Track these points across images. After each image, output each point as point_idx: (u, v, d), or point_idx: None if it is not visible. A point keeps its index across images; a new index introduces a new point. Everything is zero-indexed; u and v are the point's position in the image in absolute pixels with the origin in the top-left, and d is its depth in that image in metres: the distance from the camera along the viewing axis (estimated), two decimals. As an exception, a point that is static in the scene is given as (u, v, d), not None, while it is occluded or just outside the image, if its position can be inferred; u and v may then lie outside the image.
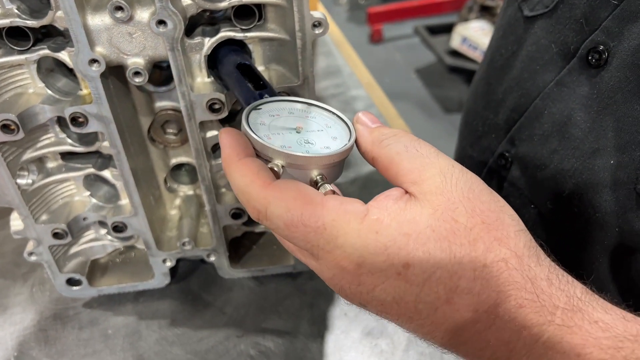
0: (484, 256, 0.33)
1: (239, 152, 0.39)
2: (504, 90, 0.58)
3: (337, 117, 0.45)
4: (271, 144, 0.40)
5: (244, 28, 0.52)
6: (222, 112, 0.53)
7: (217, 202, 0.60)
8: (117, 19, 0.47)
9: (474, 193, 0.35)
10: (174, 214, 0.67)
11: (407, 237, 0.34)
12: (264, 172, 0.38)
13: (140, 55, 0.50)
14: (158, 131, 0.61)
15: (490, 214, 0.35)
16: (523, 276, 0.33)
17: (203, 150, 0.56)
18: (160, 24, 0.47)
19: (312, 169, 0.40)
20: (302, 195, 0.36)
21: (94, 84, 0.50)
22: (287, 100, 0.46)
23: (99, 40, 0.48)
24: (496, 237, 0.34)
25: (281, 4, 0.50)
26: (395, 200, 0.36)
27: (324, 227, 0.35)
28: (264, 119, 0.43)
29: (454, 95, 3.08)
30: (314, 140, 0.42)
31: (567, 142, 0.50)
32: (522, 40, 0.56)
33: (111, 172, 0.59)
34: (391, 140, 0.39)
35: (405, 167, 0.37)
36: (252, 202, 0.37)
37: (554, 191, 0.51)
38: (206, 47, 0.51)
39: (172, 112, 0.60)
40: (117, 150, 0.54)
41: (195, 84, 0.53)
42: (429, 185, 0.36)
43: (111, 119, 0.52)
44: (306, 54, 0.50)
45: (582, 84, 0.49)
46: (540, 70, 0.53)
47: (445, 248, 0.33)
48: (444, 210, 0.34)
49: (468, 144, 0.64)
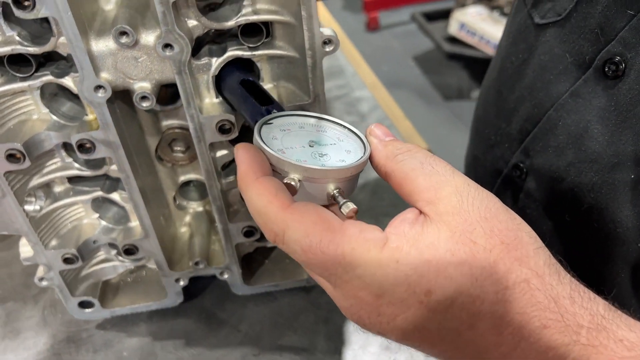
0: (506, 278, 0.33)
1: (256, 170, 0.38)
2: (516, 99, 0.57)
3: (348, 131, 0.44)
4: (287, 157, 0.39)
5: (252, 46, 0.50)
6: (232, 132, 0.52)
7: (229, 221, 0.59)
8: (122, 44, 0.46)
9: (491, 212, 0.35)
10: (184, 232, 0.66)
11: (427, 264, 0.33)
12: (282, 193, 0.37)
13: (147, 80, 0.48)
14: (165, 150, 0.60)
15: (509, 233, 0.34)
16: (546, 296, 0.33)
17: (214, 171, 0.55)
18: (167, 48, 0.46)
19: (329, 182, 0.39)
20: (321, 220, 0.35)
21: (100, 110, 0.49)
22: (297, 115, 0.45)
23: (104, 66, 0.47)
24: (516, 257, 0.33)
25: (289, 22, 0.48)
26: (412, 225, 0.35)
27: (342, 255, 0.34)
28: (275, 133, 0.42)
29: (453, 82, 3.06)
30: (329, 154, 0.41)
31: (584, 155, 0.49)
32: (533, 48, 0.55)
33: (120, 194, 0.58)
34: (406, 155, 0.39)
35: (421, 185, 0.37)
36: (269, 225, 0.36)
37: (572, 204, 0.50)
38: (214, 68, 0.50)
39: (180, 130, 0.59)
40: (126, 175, 0.53)
41: (204, 105, 0.51)
42: (444, 205, 0.35)
43: (119, 144, 0.51)
44: (317, 72, 0.49)
45: (599, 96, 0.48)
46: (554, 80, 0.52)
47: (466, 272, 0.33)
48: (461, 232, 0.34)
49: (480, 152, 0.63)
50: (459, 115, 2.83)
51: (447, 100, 2.97)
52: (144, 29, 0.47)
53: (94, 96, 0.47)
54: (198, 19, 0.47)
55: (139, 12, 0.47)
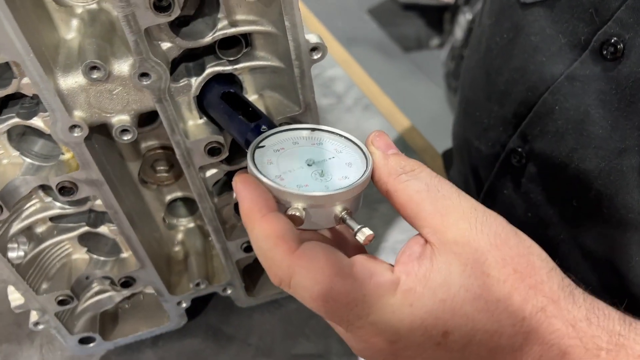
0: (522, 309, 0.32)
1: (260, 206, 0.35)
2: (506, 82, 0.55)
3: (345, 139, 0.42)
4: (287, 187, 0.37)
5: (231, 59, 0.47)
6: (223, 153, 0.48)
7: (227, 240, 0.56)
8: (93, 80, 0.42)
9: (501, 238, 0.34)
10: (178, 251, 0.63)
11: (442, 304, 0.32)
12: (289, 235, 0.34)
13: (125, 112, 0.45)
14: (149, 172, 0.57)
15: (521, 260, 0.33)
16: (563, 322, 0.32)
17: (206, 193, 0.52)
18: (143, 77, 0.42)
19: (336, 205, 0.37)
20: (330, 265, 0.33)
21: (78, 150, 0.45)
22: (289, 130, 0.42)
23: (77, 104, 0.43)
24: (530, 284, 0.33)
25: (271, 31, 0.45)
26: (420, 261, 0.34)
27: (354, 302, 0.33)
28: (269, 156, 0.40)
29: (411, 32, 3.02)
30: (329, 171, 0.39)
31: (586, 140, 0.47)
32: (520, 27, 0.52)
33: (108, 227, 0.55)
34: (410, 175, 0.37)
35: (426, 210, 0.35)
36: (275, 269, 0.34)
37: (578, 191, 0.49)
38: (194, 88, 0.47)
39: (161, 150, 0.55)
40: (113, 211, 0.50)
41: (189, 128, 0.48)
42: (453, 233, 0.34)
43: (103, 181, 0.47)
44: (305, 81, 0.46)
45: (597, 78, 0.46)
46: (547, 62, 0.50)
47: (482, 308, 0.32)
48: (473, 264, 0.33)
49: (473, 135, 0.61)
50: (420, 65, 2.80)
51: (406, 51, 2.94)
52: (115, 58, 0.43)
53: (70, 137, 0.44)
54: (172, 40, 0.44)
55: (106, 40, 0.43)
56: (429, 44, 2.94)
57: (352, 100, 0.88)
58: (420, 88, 2.67)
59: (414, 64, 2.84)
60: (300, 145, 0.41)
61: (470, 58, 0.64)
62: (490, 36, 0.57)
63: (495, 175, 0.57)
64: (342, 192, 0.36)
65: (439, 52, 2.75)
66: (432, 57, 2.81)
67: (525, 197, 0.54)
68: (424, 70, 2.73)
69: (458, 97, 0.68)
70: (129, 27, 0.39)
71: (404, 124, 0.84)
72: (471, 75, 0.62)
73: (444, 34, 2.79)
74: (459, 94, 0.67)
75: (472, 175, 0.63)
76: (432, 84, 2.68)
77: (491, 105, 0.57)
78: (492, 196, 0.58)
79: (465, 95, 0.64)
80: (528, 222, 0.53)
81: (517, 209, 0.55)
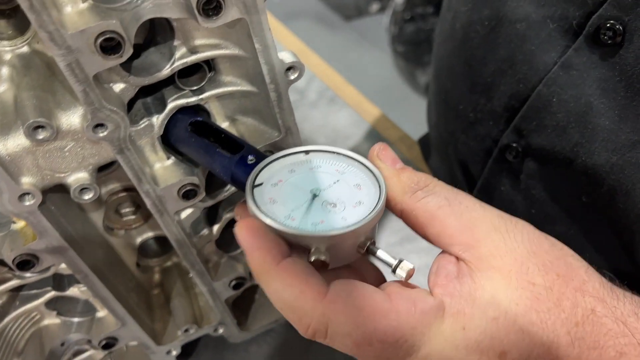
0: (573, 313, 0.31)
1: (274, 254, 0.31)
2: (493, 73, 0.51)
3: (344, 157, 0.37)
4: (302, 228, 0.32)
5: (194, 89, 0.41)
6: (199, 194, 0.43)
7: (213, 281, 0.51)
8: (39, 141, 0.35)
9: (535, 244, 0.33)
10: (157, 294, 0.58)
11: (495, 322, 0.30)
12: (314, 279, 0.31)
13: (82, 168, 0.39)
14: (114, 218, 0.51)
15: (559, 263, 0.32)
16: (614, 320, 0.31)
17: (185, 238, 0.46)
18: (98, 128, 0.36)
19: (359, 237, 0.34)
20: (367, 305, 0.30)
21: (32, 218, 0.39)
22: (281, 157, 0.37)
23: (23, 169, 0.37)
24: (575, 287, 0.32)
25: (237, 54, 0.39)
26: (460, 279, 0.32)
27: (403, 339, 0.30)
28: (270, 193, 0.35)
29: (350, 0, 2.96)
30: (340, 199, 0.35)
31: (592, 134, 0.44)
32: (501, 15, 0.48)
33: (78, 288, 0.49)
34: (426, 191, 0.34)
35: (452, 225, 0.33)
36: (306, 321, 0.31)
37: (588, 186, 0.46)
38: (157, 128, 0.41)
39: (124, 192, 0.49)
40: (83, 274, 0.44)
41: (156, 172, 0.42)
42: (487, 246, 0.32)
43: (66, 247, 0.41)
44: (283, 104, 0.41)
45: (596, 66, 0.43)
46: (537, 51, 0.46)
47: (535, 320, 0.31)
48: (517, 276, 0.31)
49: (459, 129, 0.57)
50: (363, 34, 2.75)
51: (348, 20, 2.88)
52: (61, 110, 0.36)
53: (21, 207, 0.37)
54: (125, 80, 0.37)
55: (46, 89, 0.37)
56: (369, 10, 2.89)
57: (315, 94, 0.82)
58: (367, 57, 2.62)
59: (357, 32, 2.78)
60: (298, 173, 0.37)
61: (442, 45, 0.59)
62: (468, 24, 0.52)
63: (489, 171, 0.54)
64: (365, 224, 0.33)
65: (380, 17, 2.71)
66: (374, 23, 2.76)
67: (526, 193, 0.51)
68: (367, 38, 2.68)
69: (432, 85, 0.64)
70: (74, 77, 0.33)
71: (374, 114, 0.79)
72: (447, 64, 0.58)
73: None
74: (434, 83, 0.62)
75: (461, 169, 0.59)
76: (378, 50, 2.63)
77: (476, 97, 0.53)
78: (488, 193, 0.54)
79: (442, 86, 0.59)
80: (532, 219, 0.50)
81: (517, 206, 0.52)
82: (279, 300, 0.31)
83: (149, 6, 0.33)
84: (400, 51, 2.51)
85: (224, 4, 0.34)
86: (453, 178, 0.63)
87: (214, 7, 0.34)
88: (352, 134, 0.74)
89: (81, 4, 0.32)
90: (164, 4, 0.34)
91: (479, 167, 0.56)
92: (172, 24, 0.37)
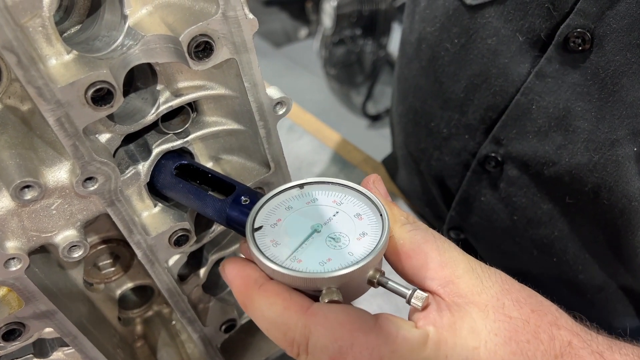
0: (552, 346, 0.32)
1: (255, 278, 0.32)
2: (465, 88, 0.52)
3: (339, 186, 0.37)
4: (311, 270, 0.32)
5: (178, 132, 0.40)
6: (190, 239, 0.42)
7: (204, 326, 0.49)
8: (27, 201, 0.33)
9: (508, 284, 0.34)
10: (141, 346, 0.55)
11: (476, 351, 0.31)
12: (296, 295, 0.31)
13: (70, 226, 0.37)
14: (93, 273, 0.48)
15: (532, 300, 0.34)
16: (591, 353, 0.32)
17: (175, 286, 0.45)
18: (89, 182, 0.34)
19: (369, 271, 0.33)
20: (350, 320, 0.30)
21: (19, 284, 0.36)
22: (276, 195, 0.37)
23: (8, 233, 0.34)
24: (550, 321, 0.33)
25: (223, 94, 0.38)
26: (440, 312, 0.32)
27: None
28: (272, 235, 0.34)
29: (278, 27, 2.99)
30: (343, 233, 0.34)
31: (574, 136, 0.46)
32: (472, 31, 0.50)
33: (62, 352, 0.46)
34: (414, 226, 0.35)
35: (435, 260, 0.34)
36: (290, 334, 0.30)
37: (572, 186, 0.48)
38: (144, 175, 0.39)
39: (103, 245, 0.47)
40: (72, 336, 0.42)
41: (145, 221, 0.40)
42: (466, 283, 0.33)
43: (55, 310, 0.39)
44: (272, 139, 0.40)
45: (569, 72, 0.45)
46: (510, 64, 0.48)
47: (515, 350, 0.31)
48: (494, 310, 0.32)
49: (431, 146, 0.58)
50: (294, 59, 2.78)
51: (278, 47, 2.90)
52: (46, 167, 0.34)
53: (7, 274, 0.35)
54: (110, 130, 0.36)
55: (27, 147, 0.35)
56: (298, 36, 2.93)
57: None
58: (302, 81, 2.64)
59: (288, 58, 2.81)
60: (295, 209, 0.36)
61: (406, 67, 0.60)
62: (436, 43, 0.54)
63: (468, 183, 0.55)
64: (374, 258, 0.32)
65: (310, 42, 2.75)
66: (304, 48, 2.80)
67: (507, 201, 0.52)
68: (299, 63, 2.71)
69: (397, 107, 0.65)
70: (64, 131, 0.31)
71: (334, 138, 0.80)
72: (414, 84, 0.59)
73: (311, 24, 2.79)
74: (399, 105, 0.63)
75: (437, 185, 0.60)
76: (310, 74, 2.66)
77: (449, 113, 0.55)
78: (467, 204, 0.56)
79: (410, 106, 0.61)
80: (515, 226, 0.52)
81: (499, 214, 0.53)
82: (264, 319, 0.31)
83: (137, 52, 0.32)
84: (332, 74, 2.55)
85: (215, 45, 0.33)
86: (426, 194, 0.64)
87: (203, 49, 0.33)
88: (316, 160, 0.75)
89: (66, 55, 0.31)
90: (152, 49, 0.33)
91: (456, 180, 0.57)
92: (154, 68, 0.36)
